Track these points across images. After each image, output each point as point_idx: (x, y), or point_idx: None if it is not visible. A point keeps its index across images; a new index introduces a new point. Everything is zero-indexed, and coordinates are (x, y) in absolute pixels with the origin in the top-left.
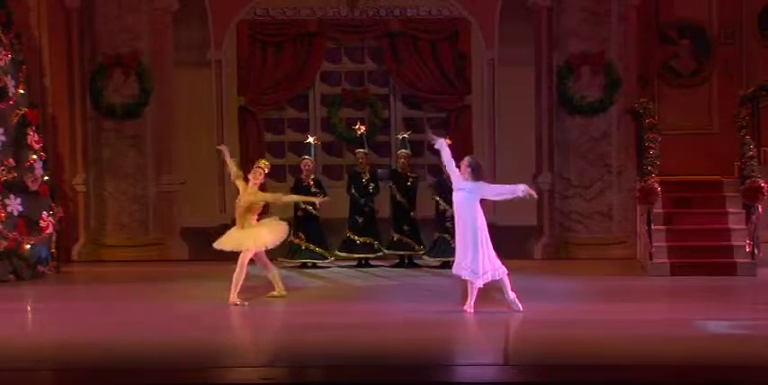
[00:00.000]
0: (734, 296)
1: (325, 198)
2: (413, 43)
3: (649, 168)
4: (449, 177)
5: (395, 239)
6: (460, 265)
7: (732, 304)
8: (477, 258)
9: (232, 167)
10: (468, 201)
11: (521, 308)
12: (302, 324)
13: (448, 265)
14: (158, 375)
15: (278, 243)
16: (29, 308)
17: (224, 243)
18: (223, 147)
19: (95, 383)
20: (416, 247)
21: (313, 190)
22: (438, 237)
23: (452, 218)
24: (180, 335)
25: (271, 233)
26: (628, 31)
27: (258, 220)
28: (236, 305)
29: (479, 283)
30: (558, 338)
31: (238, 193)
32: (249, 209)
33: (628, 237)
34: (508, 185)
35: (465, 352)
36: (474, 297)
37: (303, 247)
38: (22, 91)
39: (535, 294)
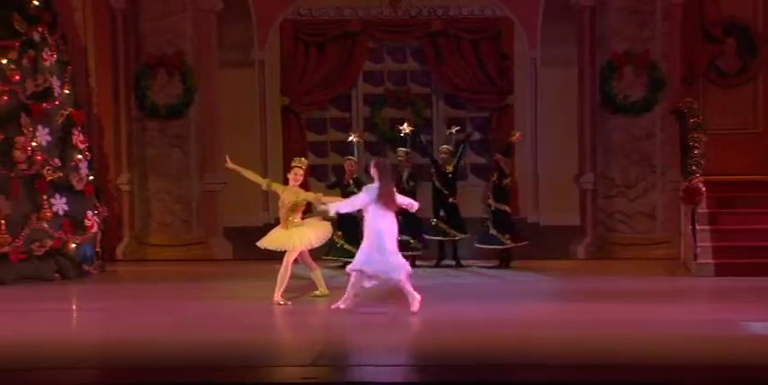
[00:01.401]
0: None
1: None
2: (455, 43)
3: (694, 168)
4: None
5: (432, 224)
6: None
7: None
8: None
9: (256, 179)
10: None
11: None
12: (344, 323)
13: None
14: (201, 374)
15: (322, 242)
16: (74, 307)
17: (268, 242)
18: (231, 165)
19: (139, 382)
20: (451, 232)
21: (351, 189)
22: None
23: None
24: (223, 333)
25: (315, 232)
26: (672, 29)
27: (302, 219)
28: (280, 304)
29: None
30: (599, 339)
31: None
32: (293, 208)
33: (671, 237)
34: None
35: (519, 351)
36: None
37: (339, 245)
38: (67, 91)
39: (578, 294)
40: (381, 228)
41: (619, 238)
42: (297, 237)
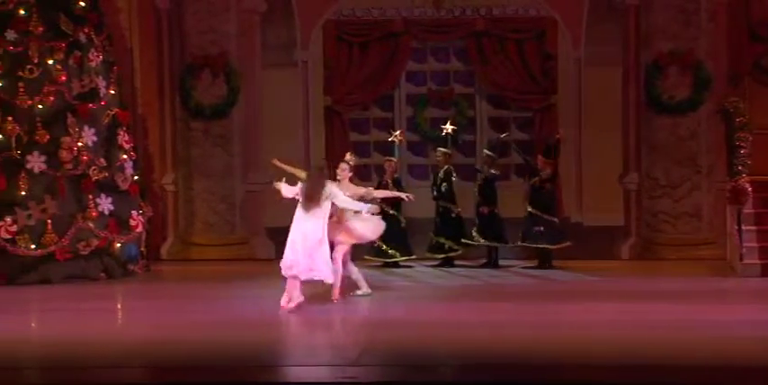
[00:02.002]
0: None
1: (410, 196)
2: (499, 43)
3: (740, 168)
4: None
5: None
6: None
7: None
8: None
9: (301, 175)
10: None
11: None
12: (385, 322)
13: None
14: (244, 373)
15: (373, 237)
16: (119, 306)
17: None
18: (277, 162)
19: (185, 380)
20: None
21: (390, 189)
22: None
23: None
24: (266, 332)
25: (365, 227)
26: (717, 29)
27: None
28: (336, 302)
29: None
30: (644, 339)
31: None
32: None
33: (717, 237)
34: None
35: (565, 352)
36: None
37: (376, 245)
38: (112, 92)
39: (621, 295)
40: (304, 229)
41: (663, 239)
42: (347, 231)
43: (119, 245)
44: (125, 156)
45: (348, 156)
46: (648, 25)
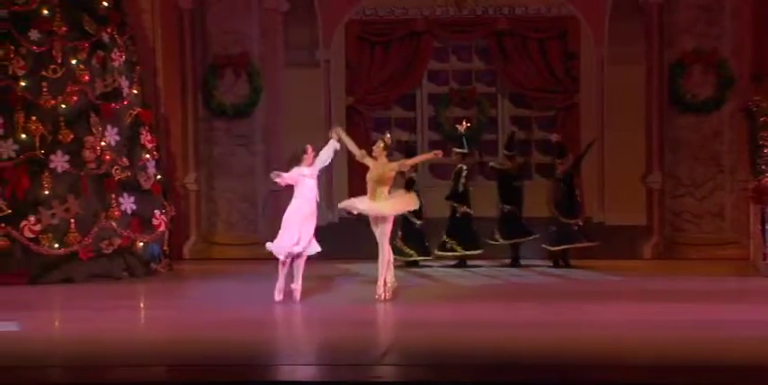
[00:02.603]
0: None
1: (439, 152)
2: (521, 42)
3: (763, 167)
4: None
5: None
6: (314, 243)
7: None
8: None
9: (353, 148)
10: (314, 183)
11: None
12: (408, 321)
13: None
14: (263, 372)
15: (400, 211)
16: (142, 305)
17: (354, 203)
18: (337, 130)
19: (209, 379)
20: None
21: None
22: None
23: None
24: (290, 331)
25: (402, 202)
26: (741, 27)
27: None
28: (380, 298)
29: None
30: (668, 339)
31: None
32: (379, 181)
33: (740, 237)
34: (324, 149)
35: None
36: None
37: (397, 245)
38: (135, 91)
39: (644, 294)
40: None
41: (686, 238)
42: (383, 205)
43: (141, 244)
44: (147, 156)
45: (386, 137)
46: (672, 24)
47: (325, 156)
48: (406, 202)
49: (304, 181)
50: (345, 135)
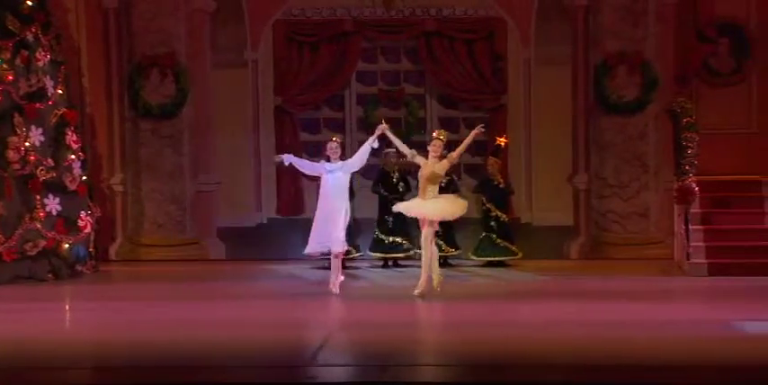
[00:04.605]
0: None
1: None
2: (449, 43)
3: (687, 168)
4: (487, 178)
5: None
6: (336, 240)
7: None
8: (342, 230)
9: (403, 147)
10: (344, 179)
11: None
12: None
13: (492, 264)
14: (191, 373)
15: (457, 216)
16: (67, 307)
17: (407, 207)
18: (383, 128)
19: (133, 381)
20: (444, 248)
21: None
22: (484, 236)
23: (497, 216)
24: (217, 333)
25: (452, 206)
26: (665, 29)
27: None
28: (419, 295)
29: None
30: (593, 339)
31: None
32: (430, 179)
33: (665, 237)
34: (360, 149)
35: (516, 352)
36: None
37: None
38: (60, 91)
39: (571, 295)
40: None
41: (612, 238)
42: (431, 206)
43: (67, 245)
44: (73, 157)
45: (442, 133)
46: (597, 25)
47: (358, 160)
48: (458, 206)
49: (325, 177)
50: (393, 134)
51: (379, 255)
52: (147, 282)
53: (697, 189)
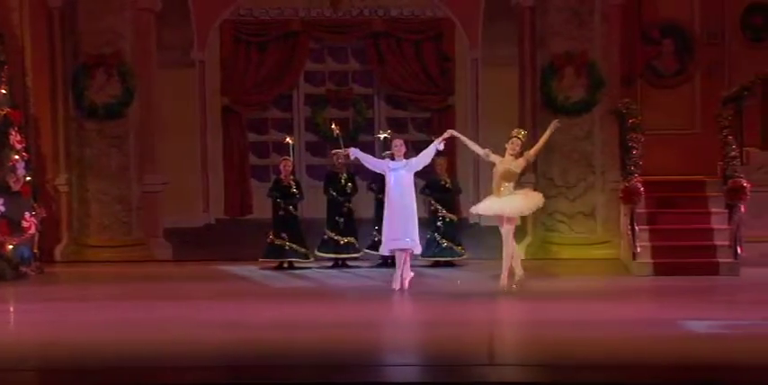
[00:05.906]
0: (717, 295)
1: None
2: (396, 43)
3: (632, 168)
4: (434, 178)
5: (376, 240)
6: (405, 238)
7: (715, 304)
8: (416, 229)
9: (476, 148)
10: (408, 177)
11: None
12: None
13: (439, 265)
14: (137, 375)
15: (533, 210)
16: (11, 308)
17: (486, 208)
18: (452, 132)
19: (79, 383)
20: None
21: (293, 190)
22: (429, 237)
23: (443, 217)
24: (166, 334)
25: (526, 200)
26: (610, 31)
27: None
28: (505, 290)
29: (418, 251)
30: (542, 338)
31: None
32: (505, 177)
33: (611, 237)
34: (426, 150)
35: (463, 351)
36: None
37: (287, 247)
38: (3, 91)
39: (519, 295)
40: None
41: (559, 238)
42: (507, 204)
43: (11, 246)
44: (17, 157)
45: (520, 132)
46: (543, 26)
47: (423, 160)
48: (534, 200)
49: (389, 175)
50: (464, 136)
51: (331, 255)
52: (92, 284)
53: (642, 189)
